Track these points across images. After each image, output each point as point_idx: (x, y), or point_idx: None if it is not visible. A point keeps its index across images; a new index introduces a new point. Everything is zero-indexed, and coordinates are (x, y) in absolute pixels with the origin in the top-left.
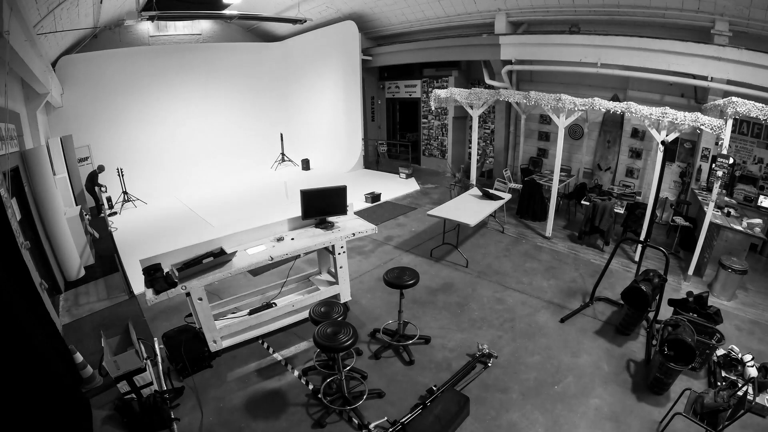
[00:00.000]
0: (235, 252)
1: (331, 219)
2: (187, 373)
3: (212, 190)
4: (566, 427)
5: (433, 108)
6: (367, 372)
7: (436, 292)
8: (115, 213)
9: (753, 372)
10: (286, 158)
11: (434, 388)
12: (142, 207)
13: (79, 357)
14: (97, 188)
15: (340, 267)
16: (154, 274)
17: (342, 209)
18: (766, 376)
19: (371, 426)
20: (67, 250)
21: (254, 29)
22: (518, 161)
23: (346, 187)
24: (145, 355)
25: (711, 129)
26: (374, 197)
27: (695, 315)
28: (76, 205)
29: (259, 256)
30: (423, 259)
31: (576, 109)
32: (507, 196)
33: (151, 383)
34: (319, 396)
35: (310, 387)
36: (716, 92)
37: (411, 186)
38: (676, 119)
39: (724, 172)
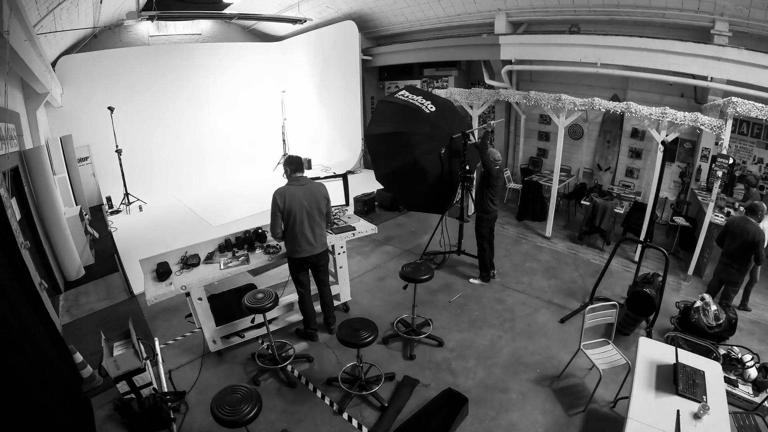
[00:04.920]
0: None
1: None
2: None
3: (212, 190)
4: (566, 427)
5: None
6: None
7: (436, 292)
8: (118, 211)
9: (753, 372)
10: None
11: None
12: (142, 206)
13: (78, 357)
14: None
15: (340, 267)
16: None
17: None
18: (766, 376)
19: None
20: (66, 250)
21: (254, 29)
22: (518, 161)
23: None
24: (144, 355)
25: (711, 129)
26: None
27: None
28: (76, 204)
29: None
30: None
31: (576, 109)
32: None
33: (151, 383)
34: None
35: (310, 387)
36: (716, 92)
37: None
38: (676, 119)
39: (723, 172)
